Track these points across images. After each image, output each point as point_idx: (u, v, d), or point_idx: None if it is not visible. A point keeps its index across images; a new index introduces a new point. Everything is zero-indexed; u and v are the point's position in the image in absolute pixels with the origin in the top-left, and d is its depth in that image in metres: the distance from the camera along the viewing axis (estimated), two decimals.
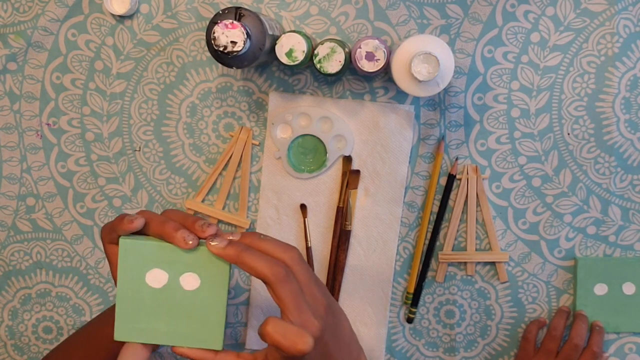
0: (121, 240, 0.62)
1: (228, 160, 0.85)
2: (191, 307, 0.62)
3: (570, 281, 0.85)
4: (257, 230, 0.86)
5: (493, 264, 0.85)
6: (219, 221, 0.87)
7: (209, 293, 0.62)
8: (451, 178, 0.84)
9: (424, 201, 0.85)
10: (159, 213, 0.69)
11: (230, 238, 0.61)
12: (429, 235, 0.85)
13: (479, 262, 0.85)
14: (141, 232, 0.62)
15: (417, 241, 0.86)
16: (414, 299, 0.86)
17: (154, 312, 0.62)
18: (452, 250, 0.85)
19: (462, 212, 0.85)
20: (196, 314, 0.62)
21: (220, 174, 0.86)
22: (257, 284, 0.87)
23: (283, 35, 0.74)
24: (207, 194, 0.86)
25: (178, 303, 0.62)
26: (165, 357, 0.90)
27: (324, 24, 0.83)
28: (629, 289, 0.84)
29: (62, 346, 0.79)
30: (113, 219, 0.86)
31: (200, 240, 0.61)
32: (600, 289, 0.84)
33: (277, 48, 0.74)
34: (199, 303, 0.62)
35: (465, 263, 0.85)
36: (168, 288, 0.62)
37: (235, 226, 0.86)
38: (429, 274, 0.86)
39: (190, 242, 0.60)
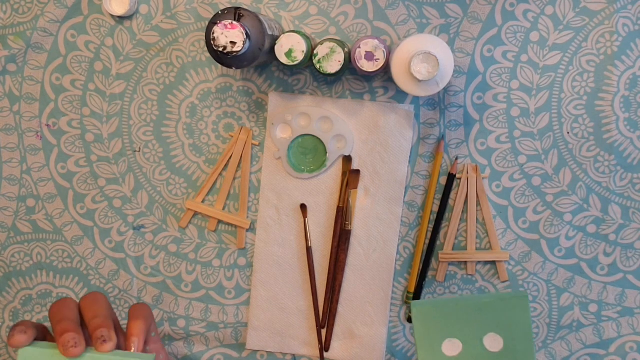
0: (20, 352, 0.53)
1: (228, 161, 0.85)
2: None
3: (571, 280, 0.85)
4: (257, 230, 0.86)
5: (493, 263, 0.85)
6: (219, 221, 0.87)
7: None
8: (451, 177, 0.84)
9: (424, 201, 0.85)
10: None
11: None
12: (429, 234, 0.85)
13: (479, 262, 0.85)
14: None
15: (417, 241, 0.86)
16: (415, 299, 0.86)
17: None
18: (453, 249, 0.85)
19: (462, 211, 0.85)
20: None
21: (220, 174, 0.86)
22: (258, 284, 0.87)
23: (282, 35, 0.74)
24: (207, 194, 0.86)
25: None
26: None
27: (324, 24, 0.83)
28: (493, 343, 0.60)
29: None
30: (113, 220, 0.87)
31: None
32: (452, 347, 0.61)
33: (276, 48, 0.74)
34: None
35: (465, 262, 0.85)
36: None
37: (236, 226, 0.86)
38: (430, 273, 0.86)
39: (72, 349, 0.53)
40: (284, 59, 0.74)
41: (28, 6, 0.84)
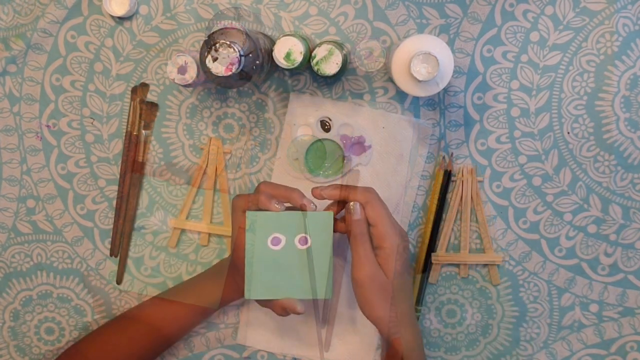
0: (249, 213, 0.75)
1: (203, 175, 0.85)
2: (304, 263, 0.76)
3: (572, 280, 0.85)
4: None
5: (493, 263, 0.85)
6: (210, 234, 0.86)
7: (317, 250, 0.75)
8: (448, 175, 0.83)
9: (424, 201, 0.85)
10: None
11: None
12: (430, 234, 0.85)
13: (477, 263, 0.85)
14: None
15: (417, 240, 0.86)
16: (416, 299, 0.86)
17: (275, 270, 0.75)
18: (447, 251, 0.85)
19: (459, 212, 0.84)
20: (308, 268, 0.76)
21: (199, 188, 0.86)
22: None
23: (281, 37, 0.74)
24: (191, 210, 0.86)
25: (294, 260, 0.75)
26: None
27: (323, 25, 0.83)
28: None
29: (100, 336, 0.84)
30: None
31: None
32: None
33: (275, 51, 0.74)
34: (310, 259, 0.75)
35: (459, 265, 0.85)
36: (286, 249, 0.75)
37: (225, 236, 0.86)
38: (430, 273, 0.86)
39: (312, 206, 0.75)
40: (282, 62, 0.74)
41: (29, 7, 0.84)
